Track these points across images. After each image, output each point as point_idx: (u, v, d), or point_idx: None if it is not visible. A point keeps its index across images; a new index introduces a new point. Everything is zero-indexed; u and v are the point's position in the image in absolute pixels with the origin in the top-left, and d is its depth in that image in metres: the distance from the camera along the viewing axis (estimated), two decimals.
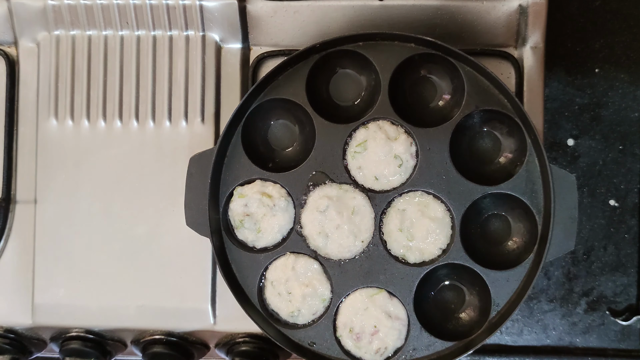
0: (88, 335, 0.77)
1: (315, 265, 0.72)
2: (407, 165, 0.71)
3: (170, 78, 0.78)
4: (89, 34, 0.78)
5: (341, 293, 0.71)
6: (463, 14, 0.75)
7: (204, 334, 0.78)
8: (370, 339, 0.70)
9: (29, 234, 0.78)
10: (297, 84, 0.72)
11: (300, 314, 0.72)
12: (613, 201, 0.81)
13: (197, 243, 0.74)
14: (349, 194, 0.71)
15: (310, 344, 0.72)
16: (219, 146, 0.71)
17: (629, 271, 0.80)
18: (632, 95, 0.81)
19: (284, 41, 0.78)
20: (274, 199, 0.72)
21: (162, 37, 0.78)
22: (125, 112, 0.78)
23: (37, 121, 0.79)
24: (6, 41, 0.81)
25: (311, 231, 0.72)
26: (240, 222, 0.72)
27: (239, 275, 0.72)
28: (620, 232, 0.81)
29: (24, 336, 0.79)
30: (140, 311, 0.76)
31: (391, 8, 0.75)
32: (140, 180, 0.77)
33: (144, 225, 0.77)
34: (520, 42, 0.76)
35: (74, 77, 0.78)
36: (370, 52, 0.72)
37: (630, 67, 0.81)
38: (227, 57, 0.79)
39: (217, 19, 0.76)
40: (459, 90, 0.72)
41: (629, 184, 0.81)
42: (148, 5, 0.76)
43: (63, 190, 0.78)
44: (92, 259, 0.77)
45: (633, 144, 0.81)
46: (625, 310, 0.81)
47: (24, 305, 0.78)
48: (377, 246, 0.71)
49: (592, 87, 0.81)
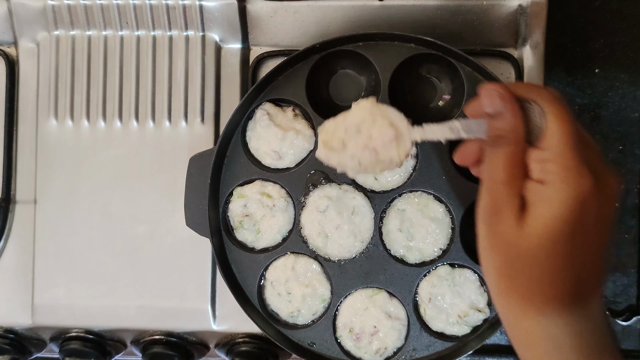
0: (88, 336, 0.77)
1: (315, 266, 0.72)
2: (407, 166, 0.71)
3: (170, 78, 0.78)
4: (88, 34, 0.78)
5: (341, 293, 0.71)
6: (463, 14, 0.75)
7: (204, 334, 0.78)
8: (370, 339, 0.70)
9: (29, 234, 0.78)
10: (297, 84, 0.72)
11: (300, 314, 0.72)
12: None
13: (197, 243, 0.74)
14: (349, 194, 0.71)
15: (310, 344, 0.72)
16: (219, 146, 0.71)
17: (629, 271, 0.80)
18: (632, 95, 0.81)
19: (284, 41, 0.78)
20: (273, 199, 0.72)
21: (162, 37, 0.78)
22: (125, 112, 0.78)
23: (37, 121, 0.79)
24: (6, 41, 0.81)
25: (311, 231, 0.72)
26: (240, 223, 0.72)
27: (239, 276, 0.72)
28: (620, 232, 0.81)
29: (23, 336, 0.79)
30: (140, 311, 0.76)
31: (391, 8, 0.75)
32: (140, 181, 0.77)
33: (144, 225, 0.77)
34: (520, 42, 0.76)
35: (74, 77, 0.78)
36: (370, 52, 0.72)
37: (630, 67, 0.81)
38: (227, 57, 0.79)
39: (217, 19, 0.76)
40: (459, 90, 0.72)
41: (629, 184, 0.81)
42: (148, 6, 0.76)
43: (63, 190, 0.78)
44: (92, 259, 0.77)
45: (633, 144, 0.81)
46: (625, 311, 0.81)
47: (23, 305, 0.78)
48: (376, 246, 0.71)
49: (592, 87, 0.81)
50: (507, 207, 0.50)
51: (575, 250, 0.48)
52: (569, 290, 0.49)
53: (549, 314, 0.49)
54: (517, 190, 0.50)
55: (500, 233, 0.50)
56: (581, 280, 0.49)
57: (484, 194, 0.52)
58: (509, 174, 0.50)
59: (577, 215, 0.47)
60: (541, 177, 0.49)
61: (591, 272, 0.50)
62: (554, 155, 0.49)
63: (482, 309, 0.69)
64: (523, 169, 0.50)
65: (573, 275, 0.49)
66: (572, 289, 0.49)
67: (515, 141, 0.51)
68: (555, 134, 0.49)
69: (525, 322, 0.50)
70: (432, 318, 0.71)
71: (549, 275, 0.49)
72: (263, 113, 0.72)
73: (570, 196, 0.47)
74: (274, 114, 0.72)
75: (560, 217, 0.48)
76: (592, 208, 0.48)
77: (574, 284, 0.49)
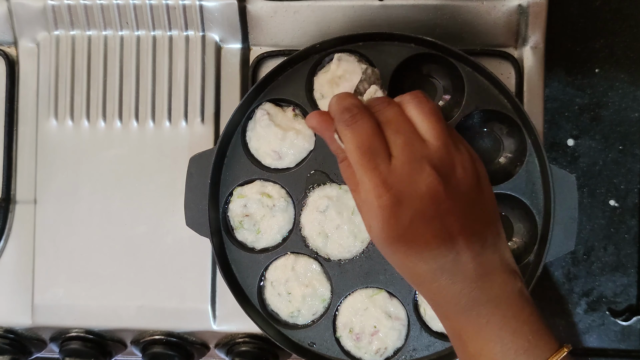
0: (88, 336, 0.77)
1: (315, 266, 0.72)
2: None
3: (170, 78, 0.78)
4: (88, 34, 0.78)
5: (341, 293, 0.71)
6: (463, 14, 0.75)
7: (204, 334, 0.78)
8: (370, 339, 0.70)
9: (29, 234, 0.78)
10: (297, 84, 0.72)
11: (300, 314, 0.72)
12: (613, 201, 0.81)
13: (197, 243, 0.74)
14: (349, 194, 0.71)
15: (310, 344, 0.72)
16: (219, 146, 0.71)
17: (629, 271, 0.80)
18: (632, 95, 0.81)
19: (284, 41, 0.78)
20: (273, 199, 0.72)
21: (162, 37, 0.78)
22: (125, 112, 0.78)
23: (37, 121, 0.79)
24: (6, 41, 0.81)
25: (311, 231, 0.72)
26: (240, 223, 0.72)
27: (239, 276, 0.72)
28: (620, 232, 0.81)
29: (23, 336, 0.79)
30: (140, 311, 0.76)
31: (391, 8, 0.75)
32: (140, 181, 0.77)
33: (144, 225, 0.77)
34: (520, 42, 0.76)
35: (74, 77, 0.78)
36: (370, 52, 0.72)
37: (630, 67, 0.81)
38: (227, 57, 0.79)
39: (217, 19, 0.76)
40: (459, 90, 0.72)
41: (629, 184, 0.81)
42: (148, 6, 0.76)
43: (63, 190, 0.78)
44: (92, 259, 0.77)
45: (633, 144, 0.81)
46: (625, 311, 0.81)
47: (23, 305, 0.78)
48: None
49: (592, 87, 0.81)
50: (361, 211, 0.57)
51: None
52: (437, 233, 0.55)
53: (428, 257, 0.55)
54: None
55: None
56: (445, 225, 0.55)
57: (354, 146, 0.56)
58: (352, 183, 0.59)
59: (392, 223, 0.55)
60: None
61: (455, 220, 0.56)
62: (358, 179, 0.56)
63: None
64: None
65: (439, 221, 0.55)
66: (440, 233, 0.55)
67: (343, 157, 0.60)
68: (351, 160, 0.56)
69: (410, 264, 0.56)
70: (432, 318, 0.71)
71: (421, 217, 0.55)
72: (263, 113, 0.72)
73: (377, 213, 0.55)
74: (274, 114, 0.72)
75: (381, 228, 0.55)
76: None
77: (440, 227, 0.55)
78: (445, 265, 0.55)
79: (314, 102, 0.72)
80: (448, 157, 0.56)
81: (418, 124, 0.57)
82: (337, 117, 0.58)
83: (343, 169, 0.60)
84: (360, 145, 0.55)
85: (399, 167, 0.55)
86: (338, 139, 0.58)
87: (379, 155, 0.55)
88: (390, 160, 0.55)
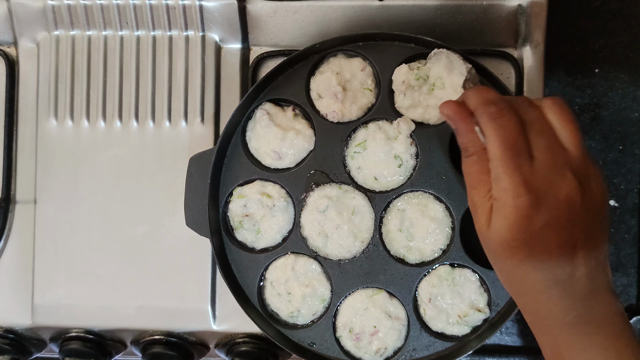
0: (88, 336, 0.77)
1: (315, 266, 0.72)
2: (407, 166, 0.71)
3: (170, 78, 0.78)
4: (88, 34, 0.78)
5: (341, 293, 0.71)
6: (463, 14, 0.75)
7: (204, 334, 0.78)
8: (370, 339, 0.70)
9: (28, 234, 0.78)
10: (297, 84, 0.72)
11: (300, 314, 0.72)
12: (613, 201, 0.81)
13: (197, 243, 0.74)
14: (349, 194, 0.71)
15: (310, 344, 0.72)
16: (219, 146, 0.71)
17: (629, 271, 0.80)
18: (632, 95, 0.81)
19: (284, 41, 0.78)
20: (273, 199, 0.72)
21: (161, 37, 0.78)
22: (125, 112, 0.78)
23: (37, 121, 0.79)
24: (6, 41, 0.81)
25: (311, 231, 0.72)
26: (240, 223, 0.72)
27: (239, 276, 0.72)
28: (620, 232, 0.81)
29: (23, 336, 0.79)
30: (140, 311, 0.77)
31: (391, 8, 0.75)
32: (140, 181, 0.77)
33: (144, 225, 0.77)
34: (520, 42, 0.76)
35: (74, 77, 0.78)
36: (370, 52, 0.72)
37: (630, 67, 0.81)
38: (226, 57, 0.79)
39: (216, 19, 0.76)
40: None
41: (629, 184, 0.81)
42: (148, 6, 0.76)
43: (63, 190, 0.78)
44: (92, 259, 0.77)
45: (633, 144, 0.81)
46: (625, 311, 0.80)
47: (23, 305, 0.78)
48: (376, 246, 0.71)
49: (592, 87, 0.81)
50: (479, 209, 0.56)
51: (529, 250, 0.54)
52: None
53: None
54: (485, 193, 0.56)
55: (478, 229, 0.57)
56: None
57: (500, 141, 0.55)
58: (476, 180, 0.57)
59: (523, 226, 0.53)
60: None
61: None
62: (494, 175, 0.54)
63: (482, 309, 0.69)
64: (490, 174, 0.55)
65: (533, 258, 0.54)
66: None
67: (474, 152, 0.57)
68: (491, 155, 0.55)
69: (521, 272, 0.55)
70: (432, 318, 0.71)
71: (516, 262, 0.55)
72: (263, 113, 0.72)
73: (511, 213, 0.53)
74: (274, 114, 0.72)
75: (509, 228, 0.54)
76: (540, 216, 0.53)
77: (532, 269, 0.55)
78: (561, 277, 0.54)
79: (314, 102, 0.72)
80: (585, 168, 0.55)
81: (558, 130, 0.55)
82: (481, 110, 0.55)
83: (469, 163, 0.58)
84: (506, 140, 0.53)
85: (541, 170, 0.53)
86: (479, 131, 0.56)
87: (522, 154, 0.53)
88: (532, 162, 0.54)
